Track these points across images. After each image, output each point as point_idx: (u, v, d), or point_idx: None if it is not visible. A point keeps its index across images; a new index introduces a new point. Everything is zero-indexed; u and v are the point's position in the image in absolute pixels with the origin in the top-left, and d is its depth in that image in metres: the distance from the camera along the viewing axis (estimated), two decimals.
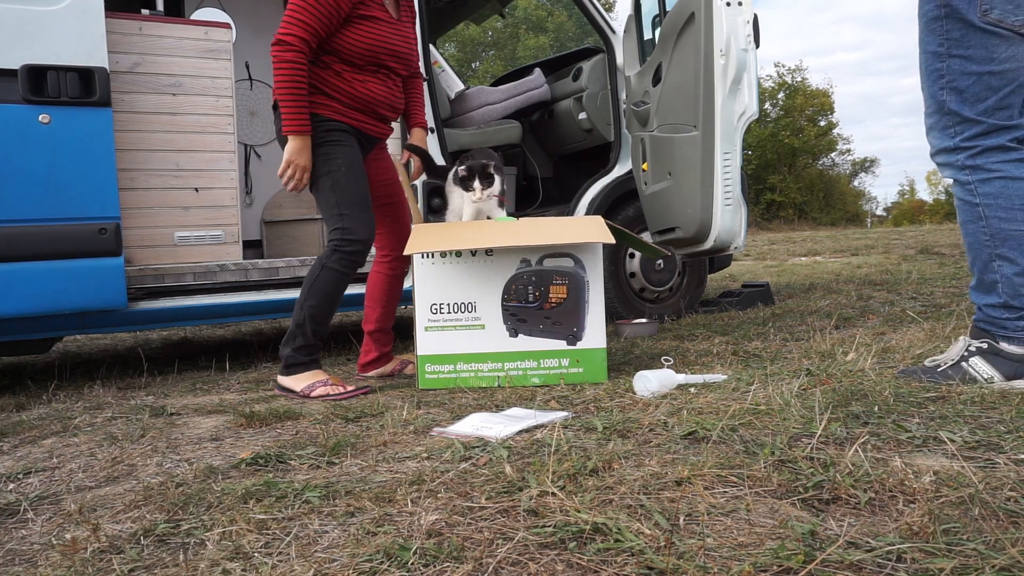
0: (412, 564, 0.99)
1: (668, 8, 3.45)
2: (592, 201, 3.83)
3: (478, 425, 1.74)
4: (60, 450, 1.84)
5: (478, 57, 28.94)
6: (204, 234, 3.15)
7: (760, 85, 5.02)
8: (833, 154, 36.57)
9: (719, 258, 4.28)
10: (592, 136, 4.06)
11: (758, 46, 3.17)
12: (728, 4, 3.09)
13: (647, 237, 3.67)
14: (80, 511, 1.33)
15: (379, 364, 2.72)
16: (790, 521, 1.05)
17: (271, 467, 1.54)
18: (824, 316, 3.42)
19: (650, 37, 3.72)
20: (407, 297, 3.20)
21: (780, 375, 2.08)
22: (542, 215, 4.01)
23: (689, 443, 1.48)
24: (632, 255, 3.90)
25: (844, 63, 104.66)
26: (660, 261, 3.90)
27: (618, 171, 3.92)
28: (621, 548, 1.00)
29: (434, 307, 2.35)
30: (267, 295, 3.14)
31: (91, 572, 1.07)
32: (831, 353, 2.39)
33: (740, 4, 3.11)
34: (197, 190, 3.14)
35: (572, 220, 2.70)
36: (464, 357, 2.34)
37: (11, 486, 1.56)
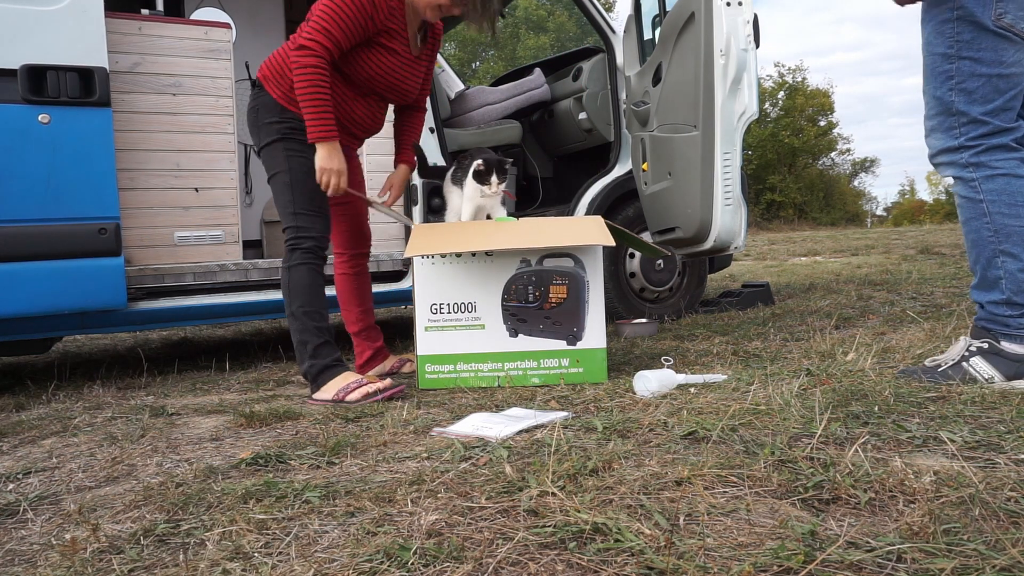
0: (412, 564, 0.99)
1: (668, 8, 3.45)
2: (592, 201, 3.83)
3: (478, 425, 1.74)
4: (60, 450, 1.84)
5: (478, 57, 28.94)
6: (204, 234, 3.15)
7: (760, 85, 5.02)
8: (833, 154, 36.64)
9: (719, 258, 4.28)
10: (592, 136, 4.06)
11: (758, 46, 3.17)
12: (728, 4, 3.09)
13: (647, 237, 3.67)
14: (80, 511, 1.33)
15: (376, 362, 2.72)
16: (790, 521, 1.05)
17: (271, 467, 1.54)
18: (824, 316, 3.42)
19: (650, 37, 3.72)
20: (407, 297, 3.19)
21: (780, 375, 2.08)
22: (542, 215, 4.01)
23: (689, 443, 1.48)
24: (632, 255, 3.89)
25: (844, 63, 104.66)
26: (660, 261, 3.90)
27: (618, 171, 3.91)
28: (621, 548, 1.00)
29: (434, 307, 2.35)
30: (267, 295, 3.14)
31: (91, 572, 1.07)
32: (831, 353, 2.39)
33: (740, 4, 3.11)
34: (197, 190, 3.14)
35: (572, 220, 2.70)
36: (464, 357, 2.34)
37: (11, 486, 1.56)
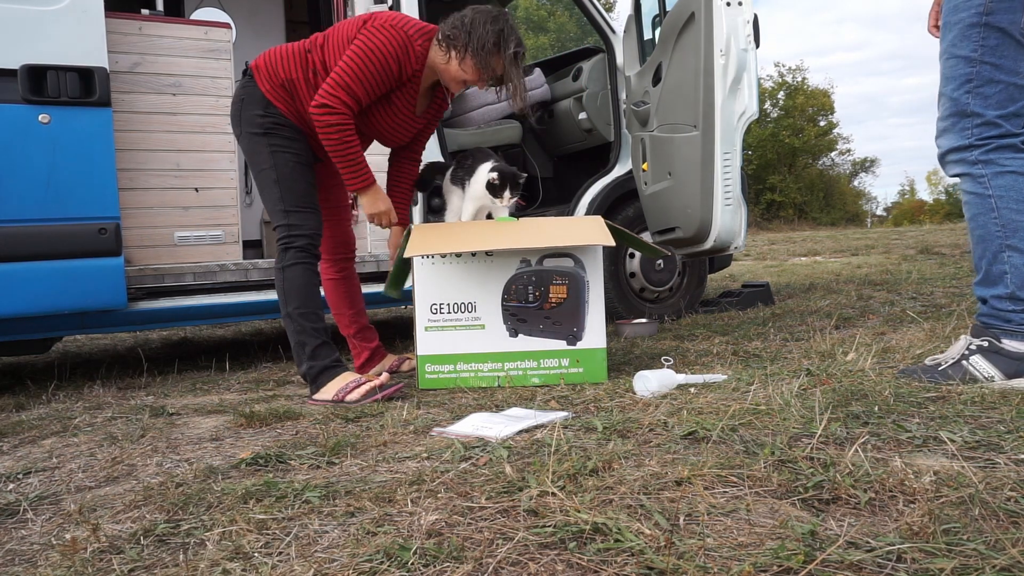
0: (412, 564, 0.99)
1: (668, 8, 3.45)
2: (592, 201, 3.83)
3: (478, 425, 1.74)
4: (60, 450, 1.84)
5: None
6: (204, 234, 3.15)
7: (760, 85, 5.02)
8: (833, 154, 36.64)
9: (719, 258, 4.28)
10: (592, 136, 4.06)
11: (758, 46, 3.17)
12: (728, 4, 3.09)
13: (647, 237, 3.67)
14: (80, 511, 1.33)
15: (374, 363, 2.72)
16: (790, 521, 1.05)
17: (271, 467, 1.54)
18: (824, 316, 3.42)
19: (650, 37, 3.72)
20: (407, 297, 3.19)
21: (780, 375, 2.08)
22: (542, 215, 4.01)
23: (689, 443, 1.48)
24: (632, 255, 3.89)
25: (844, 63, 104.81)
26: (660, 261, 3.90)
27: (618, 171, 3.91)
28: (621, 548, 1.00)
29: (434, 307, 2.35)
30: (267, 295, 3.13)
31: (91, 572, 1.07)
32: (831, 353, 2.39)
33: (740, 4, 3.11)
34: (197, 190, 3.14)
35: (572, 220, 2.70)
36: (464, 357, 2.34)
37: (11, 486, 1.56)
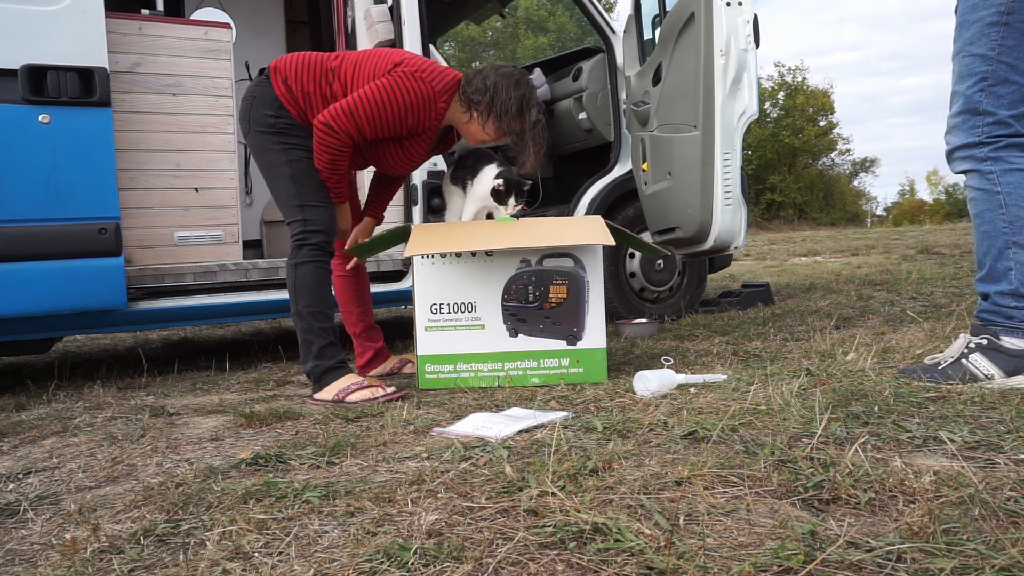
0: (412, 564, 0.99)
1: (668, 8, 3.45)
2: (592, 201, 3.83)
3: (478, 425, 1.74)
4: (60, 450, 1.84)
5: (478, 57, 28.93)
6: (204, 234, 3.15)
7: (760, 85, 5.02)
8: (833, 154, 36.62)
9: (719, 258, 4.28)
10: (592, 136, 4.06)
11: (758, 46, 3.17)
12: (728, 4, 3.09)
13: (647, 237, 3.67)
14: (80, 511, 1.33)
15: (376, 363, 2.72)
16: (790, 521, 1.05)
17: (271, 467, 1.54)
18: (824, 316, 3.42)
19: (650, 37, 3.72)
20: (407, 297, 3.19)
21: (780, 375, 2.08)
22: (542, 215, 4.01)
23: (689, 443, 1.48)
24: (632, 255, 3.89)
25: (844, 63, 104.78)
26: (660, 261, 3.90)
27: (618, 171, 3.91)
28: (621, 548, 1.00)
29: (434, 307, 2.35)
30: (267, 295, 3.13)
31: (91, 572, 1.07)
32: (831, 353, 2.39)
33: (740, 4, 3.11)
34: (197, 190, 3.14)
35: (572, 220, 2.70)
36: (464, 357, 2.34)
37: (11, 486, 1.56)
